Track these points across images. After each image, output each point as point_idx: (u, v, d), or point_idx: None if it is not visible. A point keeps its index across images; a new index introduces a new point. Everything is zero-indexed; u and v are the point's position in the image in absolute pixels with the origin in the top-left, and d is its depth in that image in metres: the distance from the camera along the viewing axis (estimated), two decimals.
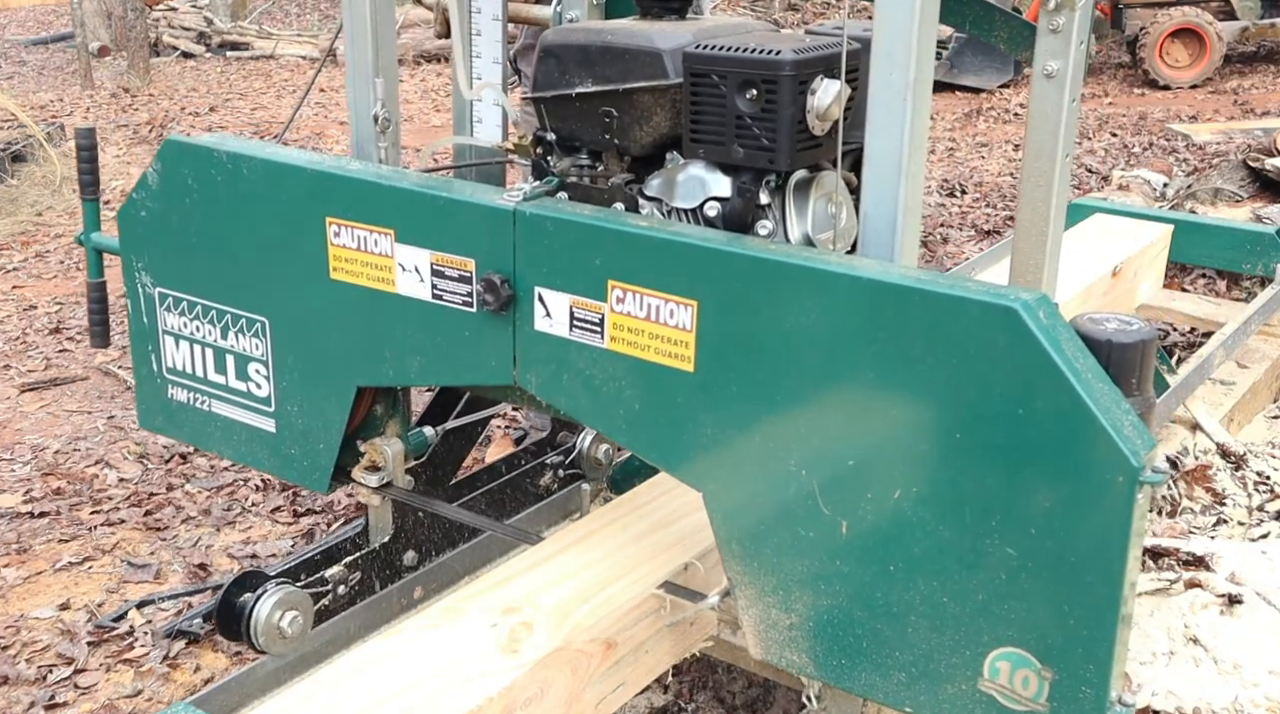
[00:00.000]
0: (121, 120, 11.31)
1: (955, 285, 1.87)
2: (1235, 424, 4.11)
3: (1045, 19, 2.35)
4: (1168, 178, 7.56)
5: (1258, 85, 12.18)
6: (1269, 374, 4.39)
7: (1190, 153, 9.32)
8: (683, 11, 2.36)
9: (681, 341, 2.07)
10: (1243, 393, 4.16)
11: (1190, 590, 2.94)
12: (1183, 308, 4.66)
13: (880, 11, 1.96)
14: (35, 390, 5.20)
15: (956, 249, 7.00)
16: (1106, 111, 11.14)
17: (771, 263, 1.97)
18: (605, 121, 2.28)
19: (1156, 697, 2.69)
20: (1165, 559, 3.13)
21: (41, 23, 20.16)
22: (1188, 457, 3.76)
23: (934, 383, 1.87)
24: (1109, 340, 1.89)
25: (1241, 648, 2.77)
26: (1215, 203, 6.74)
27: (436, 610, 2.27)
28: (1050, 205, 2.45)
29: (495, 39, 2.41)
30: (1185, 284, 5.23)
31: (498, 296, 2.18)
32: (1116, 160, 9.10)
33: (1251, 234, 4.76)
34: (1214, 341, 4.00)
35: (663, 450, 2.15)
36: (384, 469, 2.57)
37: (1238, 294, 5.02)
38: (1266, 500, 3.61)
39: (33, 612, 3.46)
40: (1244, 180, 6.92)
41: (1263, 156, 6.96)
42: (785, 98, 2.07)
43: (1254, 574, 2.96)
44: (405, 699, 2.03)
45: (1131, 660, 2.79)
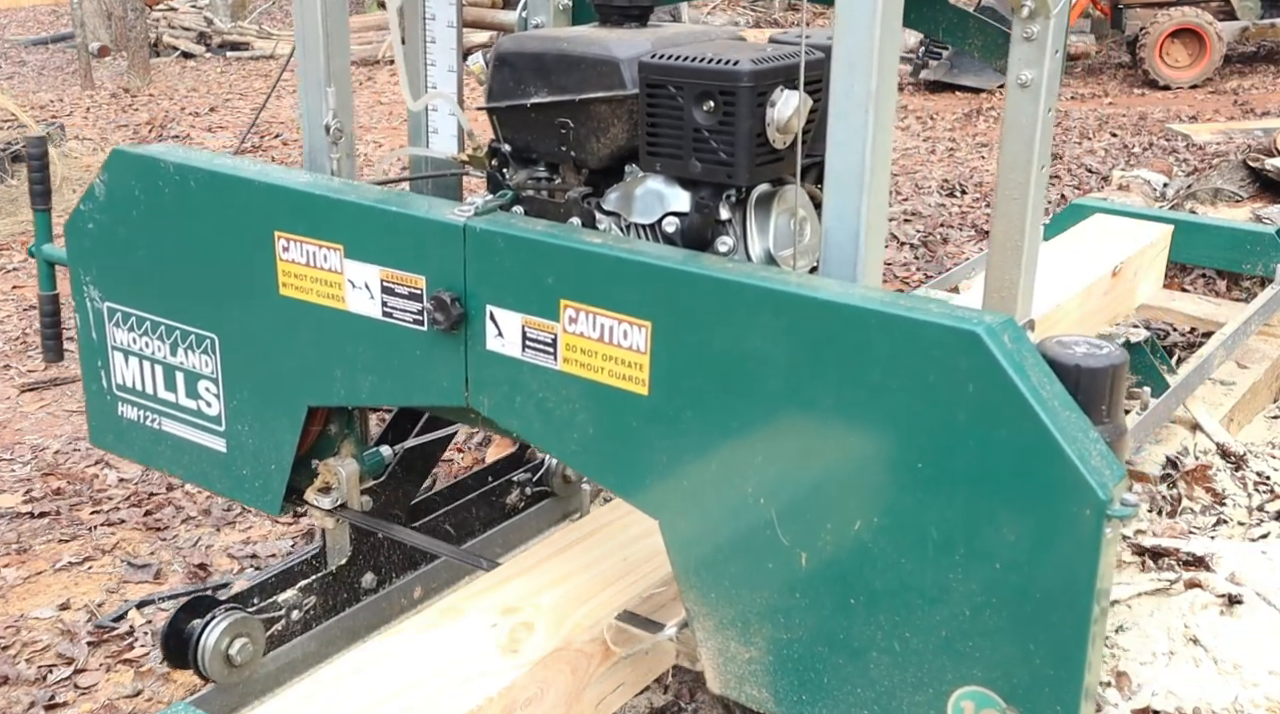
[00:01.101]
0: (121, 120, 11.26)
1: (916, 307, 1.78)
2: (1235, 424, 4.07)
3: (1019, 27, 2.27)
4: (1168, 178, 7.51)
5: (1258, 85, 12.11)
6: (1269, 374, 4.35)
7: (1190, 153, 9.26)
8: (644, 19, 2.28)
9: (635, 364, 1.99)
10: (1243, 393, 4.13)
11: (1190, 590, 2.92)
12: (1183, 308, 4.62)
13: (840, 19, 1.88)
14: (35, 390, 5.15)
15: (956, 249, 6.94)
16: (1106, 111, 11.07)
17: (726, 283, 1.89)
18: (561, 133, 2.20)
19: (1156, 697, 2.66)
20: (1165, 559, 3.12)
21: (41, 23, 20.14)
22: (1188, 457, 3.73)
23: (894, 409, 1.79)
24: (1077, 365, 1.81)
25: (1241, 648, 2.75)
26: (1215, 203, 6.70)
27: (436, 610, 2.26)
28: (1025, 219, 2.36)
29: (450, 46, 2.33)
30: (1185, 284, 5.17)
31: (448, 315, 2.10)
32: (1116, 160, 9.04)
33: (1251, 234, 4.72)
34: (1214, 342, 3.97)
35: (617, 476, 2.07)
36: (338, 491, 2.49)
37: (1238, 294, 4.97)
38: (1266, 500, 3.58)
39: (33, 612, 3.43)
40: (1244, 180, 6.87)
41: (1262, 157, 6.91)
42: (743, 110, 1.99)
43: (1254, 574, 2.95)
44: (405, 699, 2.02)
45: (1131, 660, 2.78)
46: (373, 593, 2.70)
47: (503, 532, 2.97)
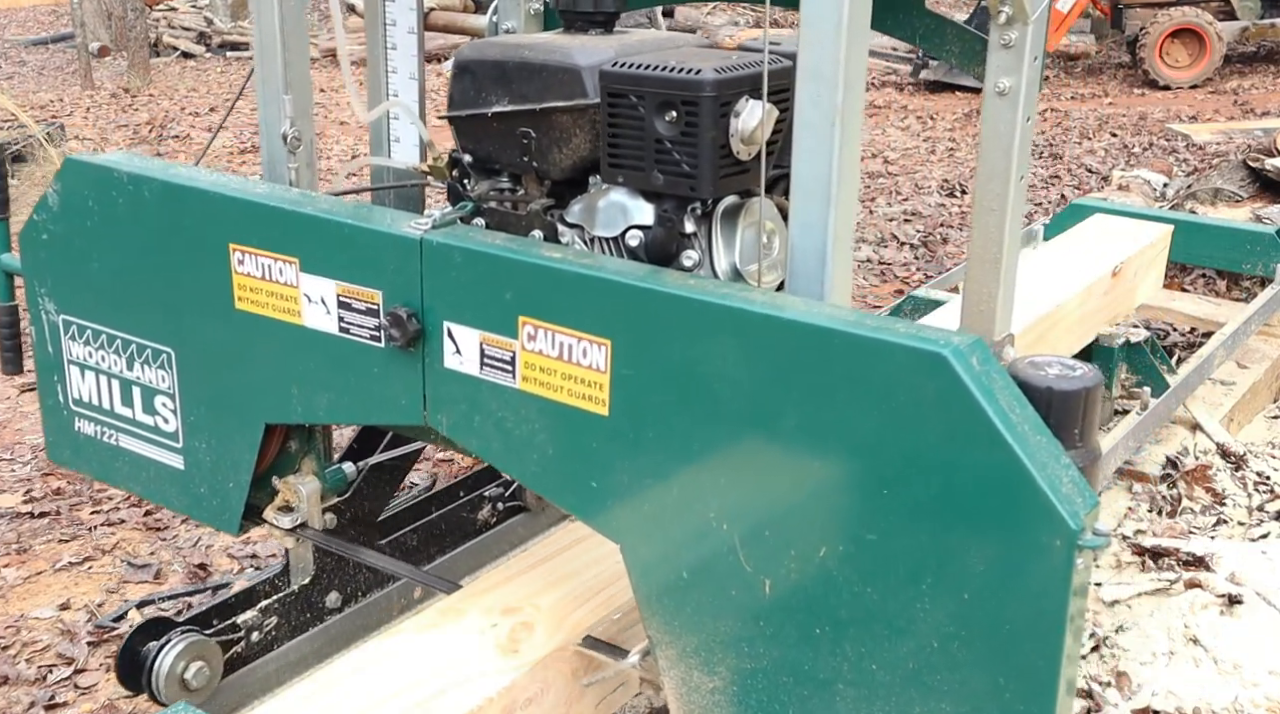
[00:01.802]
0: (121, 120, 11.22)
1: (881, 328, 1.72)
2: (1235, 424, 4.08)
3: (997, 33, 2.20)
4: (1168, 178, 7.49)
5: (1258, 85, 12.07)
6: (1269, 374, 4.35)
7: (1190, 153, 9.25)
8: (609, 25, 2.21)
9: (595, 383, 1.92)
10: (1243, 393, 4.13)
11: (1190, 590, 2.92)
12: (1183, 308, 4.60)
13: (805, 27, 1.81)
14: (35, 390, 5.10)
15: (956, 249, 6.92)
16: (1106, 111, 11.04)
17: (686, 301, 1.82)
18: (523, 143, 2.13)
19: (1156, 697, 2.66)
20: (1165, 559, 3.12)
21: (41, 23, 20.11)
22: (1188, 457, 3.72)
23: (859, 433, 1.72)
24: (1049, 387, 1.75)
25: (1241, 648, 2.75)
26: (1215, 203, 6.69)
27: (436, 610, 2.24)
28: (1004, 231, 2.29)
29: (411, 53, 2.26)
30: (1185, 284, 5.16)
31: (404, 332, 2.03)
32: (1116, 160, 9.04)
33: (1251, 234, 4.71)
34: (1214, 342, 3.95)
35: (577, 498, 2.00)
36: (298, 509, 2.42)
37: (1238, 294, 4.95)
38: (1266, 500, 3.57)
39: (33, 612, 3.44)
40: (1244, 180, 6.85)
41: (1262, 157, 6.90)
42: (706, 120, 1.92)
43: (1254, 574, 2.96)
44: (405, 699, 2.01)
45: (1131, 660, 2.78)
46: (337, 612, 2.63)
47: (473, 549, 2.90)
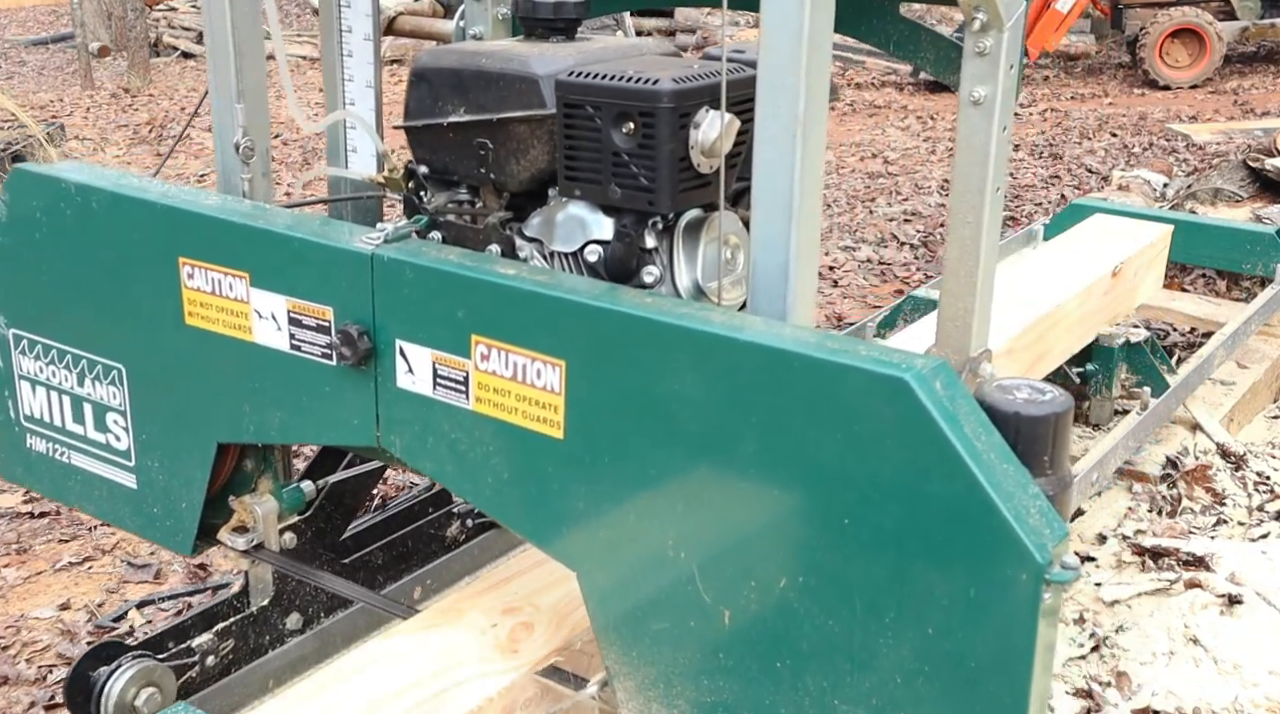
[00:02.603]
0: (121, 120, 11.16)
1: (842, 351, 1.64)
2: (1235, 424, 4.06)
3: (971, 40, 2.12)
4: (1168, 178, 7.46)
5: (1258, 85, 12.01)
6: (1269, 374, 4.33)
7: (1190, 153, 9.19)
8: (570, 32, 2.13)
9: (550, 405, 1.85)
10: (1243, 393, 4.11)
11: (1190, 590, 2.92)
12: (1183, 308, 4.58)
13: (765, 35, 1.73)
14: None
15: None
16: (1106, 111, 10.97)
17: (641, 321, 1.76)
18: (480, 154, 2.06)
19: (1156, 697, 2.65)
20: (1165, 559, 3.10)
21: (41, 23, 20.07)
22: (1188, 457, 3.70)
23: (819, 460, 1.65)
24: (1017, 413, 1.68)
25: (1241, 648, 2.74)
26: (1215, 203, 6.67)
27: (436, 610, 2.23)
28: (980, 244, 2.22)
29: (367, 60, 2.19)
30: (1185, 284, 5.13)
31: (355, 350, 1.96)
32: (1116, 160, 8.98)
33: (1251, 234, 4.68)
34: (1214, 342, 3.94)
35: (533, 524, 1.93)
36: (254, 530, 2.35)
37: (1238, 294, 4.93)
38: (1266, 500, 3.54)
39: (33, 612, 3.42)
40: (1244, 180, 6.83)
41: (1262, 157, 6.87)
42: (664, 132, 1.85)
43: (1254, 574, 2.95)
44: (405, 699, 2.00)
45: (1131, 660, 2.77)
46: (298, 634, 2.56)
47: (440, 567, 2.83)
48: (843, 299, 6.17)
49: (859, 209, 7.85)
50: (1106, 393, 3.79)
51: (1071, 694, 2.74)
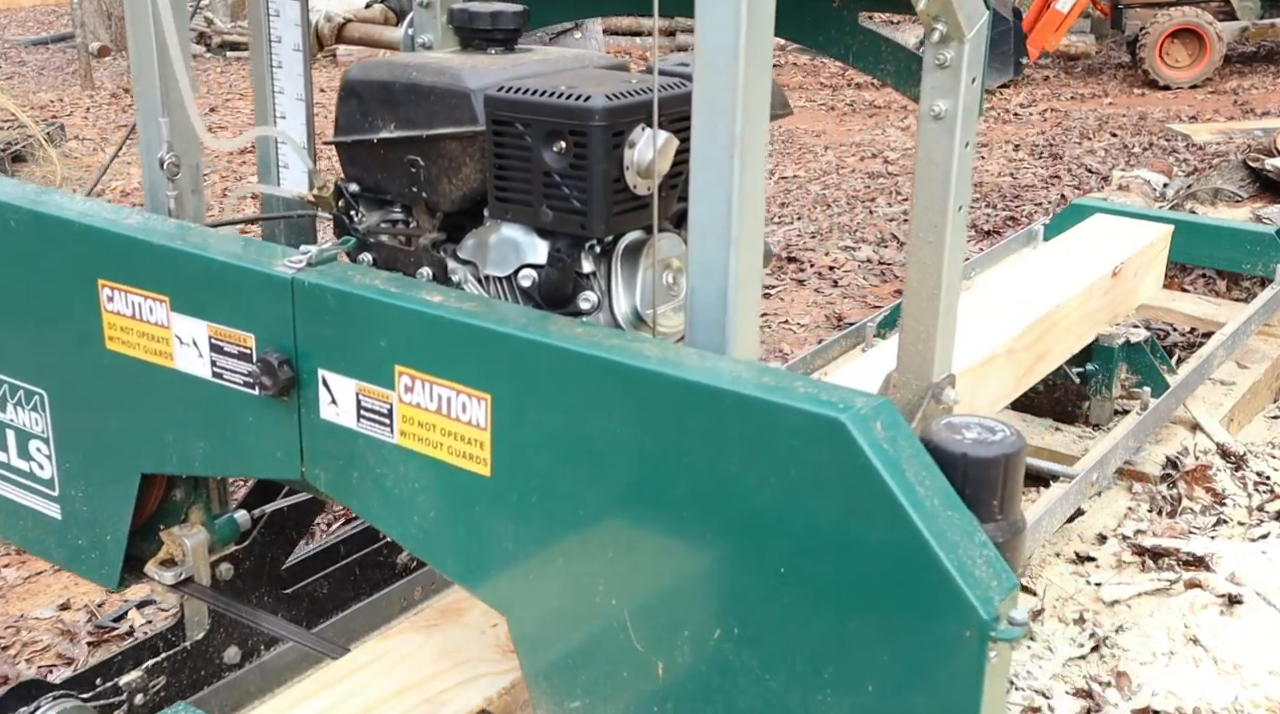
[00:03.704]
0: (121, 120, 11.10)
1: (778, 388, 1.54)
2: (1235, 424, 4.05)
3: (931, 52, 2.02)
4: (1168, 178, 7.42)
5: (1257, 85, 11.92)
6: (1269, 374, 4.33)
7: (1190, 153, 9.13)
8: (509, 43, 2.03)
9: (476, 441, 1.75)
10: (1243, 393, 4.12)
11: (1190, 591, 2.92)
12: (1183, 308, 4.57)
13: (699, 49, 1.63)
14: None
15: None
16: (1106, 112, 10.89)
17: (567, 353, 1.65)
18: (411, 172, 1.96)
19: (1156, 697, 2.64)
20: (1165, 559, 3.10)
21: (41, 23, 20.00)
22: (1188, 457, 3.69)
23: (753, 505, 1.55)
24: (964, 454, 1.56)
25: (1241, 648, 2.74)
26: (1215, 203, 6.64)
27: (436, 610, 2.22)
28: (942, 265, 2.11)
29: (298, 72, 2.08)
30: (1185, 284, 5.11)
31: (275, 379, 1.86)
32: (1116, 160, 8.93)
33: (1251, 234, 4.66)
34: (1214, 342, 3.94)
35: (461, 565, 1.83)
36: (183, 563, 2.24)
37: (1238, 294, 4.91)
38: (1266, 500, 3.53)
39: (33, 612, 3.40)
40: (1244, 180, 6.78)
41: (1262, 157, 6.83)
42: (596, 152, 1.74)
43: (1254, 574, 2.95)
44: (405, 699, 1.99)
45: (1131, 660, 2.76)
46: (237, 668, 2.46)
47: (392, 594, 2.72)
48: (843, 299, 6.08)
49: (859, 209, 7.76)
50: (1106, 393, 3.77)
51: (1071, 694, 2.73)
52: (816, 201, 7.99)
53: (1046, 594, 3.06)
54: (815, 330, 5.64)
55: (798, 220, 7.55)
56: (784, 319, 5.82)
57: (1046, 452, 3.63)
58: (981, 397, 3.15)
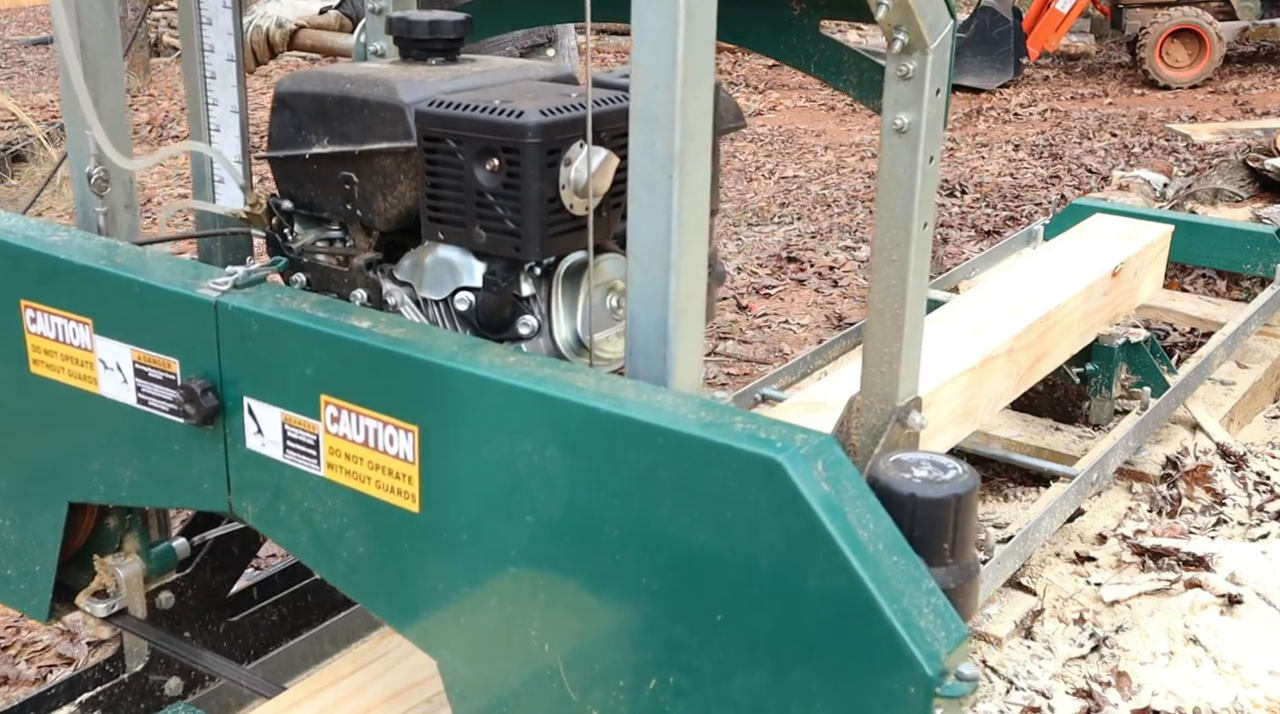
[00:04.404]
0: None
1: (715, 425, 1.44)
2: (1235, 424, 4.04)
3: (893, 63, 1.92)
4: (1168, 178, 7.39)
5: (1257, 85, 11.84)
6: (1269, 374, 4.32)
7: (1190, 153, 9.07)
8: (451, 53, 1.93)
9: (404, 475, 1.66)
10: (1243, 393, 4.11)
11: (1190, 591, 2.92)
12: (1183, 308, 4.57)
13: (635, 61, 1.53)
14: None
15: (956, 249, 6.80)
16: (1106, 111, 10.81)
17: (497, 385, 1.56)
18: (345, 189, 1.86)
19: (1156, 697, 2.64)
20: (1165, 559, 3.10)
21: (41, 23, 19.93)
22: (1188, 457, 3.69)
23: (689, 548, 1.46)
24: (913, 494, 1.47)
25: (1241, 648, 2.75)
26: (1215, 203, 6.59)
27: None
28: (906, 284, 2.01)
29: (231, 83, 1.99)
30: (1185, 284, 5.10)
31: (198, 407, 1.77)
32: (1116, 160, 8.88)
33: (1251, 234, 4.64)
34: (1214, 342, 3.95)
35: (389, 605, 1.74)
36: (116, 595, 2.15)
37: (1238, 294, 4.89)
38: (1266, 501, 3.52)
39: None
40: (1244, 180, 6.70)
41: (1263, 157, 6.76)
42: (530, 170, 1.65)
43: (1254, 574, 2.96)
44: (405, 699, 1.98)
45: (1131, 660, 2.76)
46: (180, 699, 2.37)
47: (349, 619, 2.63)
48: (843, 299, 6.01)
49: (859, 209, 7.69)
50: (1106, 393, 3.75)
51: (1071, 694, 2.71)
52: (816, 201, 7.91)
53: (1046, 594, 3.03)
54: (815, 330, 5.57)
55: (798, 220, 7.47)
56: (784, 319, 5.75)
57: (1046, 451, 3.61)
58: (981, 397, 3.13)
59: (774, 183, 8.47)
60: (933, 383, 2.85)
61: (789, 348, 5.30)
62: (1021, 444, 3.67)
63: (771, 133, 10.26)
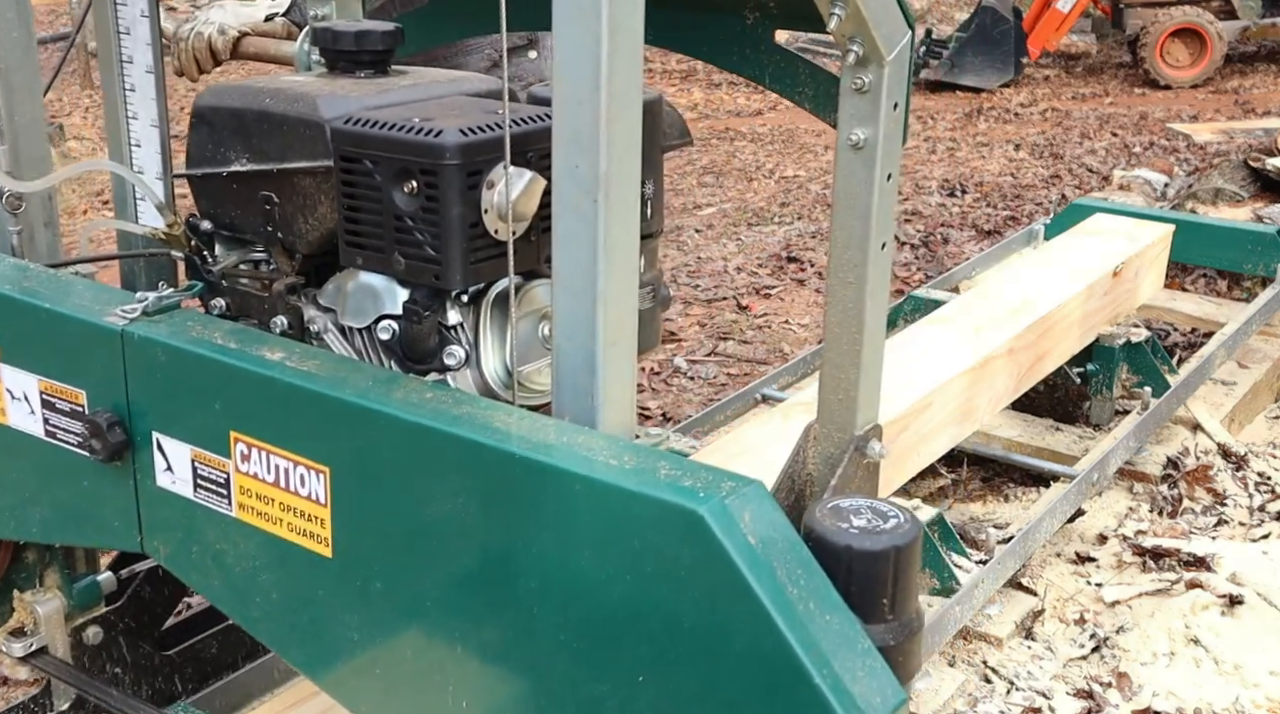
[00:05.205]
0: None
1: (635, 472, 1.34)
2: (1236, 424, 4.02)
3: (848, 76, 1.81)
4: (1168, 178, 7.33)
5: (1258, 85, 11.72)
6: (1270, 374, 4.29)
7: (1191, 152, 8.94)
8: (381, 65, 1.83)
9: (316, 517, 1.56)
10: (1243, 393, 4.09)
11: (1191, 591, 2.92)
12: (1184, 308, 4.54)
13: (556, 75, 1.43)
14: None
15: (957, 249, 6.71)
16: (1107, 111, 10.69)
17: (405, 424, 1.45)
18: (266, 209, 1.76)
19: (1157, 697, 2.64)
20: (1166, 560, 3.10)
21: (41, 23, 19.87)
22: (1189, 457, 3.67)
23: (608, 604, 1.36)
24: (849, 546, 1.36)
25: (1242, 649, 2.75)
26: (1216, 203, 6.55)
27: None
28: (864, 307, 1.91)
29: (151, 96, 1.89)
30: (1186, 284, 5.03)
31: (104, 442, 1.67)
32: (1117, 160, 8.75)
33: (1252, 234, 4.59)
34: (1215, 342, 3.92)
35: (304, 655, 1.64)
36: (35, 633, 2.05)
37: (1238, 294, 4.84)
38: (1267, 501, 3.50)
39: None
40: (1245, 180, 6.60)
41: (1263, 156, 6.70)
42: (449, 193, 1.54)
43: (1255, 575, 2.96)
44: None
45: (1132, 661, 2.76)
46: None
47: None
48: None
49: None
50: (1107, 393, 3.72)
51: (1072, 695, 2.70)
52: (816, 201, 7.82)
53: (1047, 595, 3.01)
54: (815, 330, 5.48)
55: (798, 220, 7.38)
56: (784, 319, 5.66)
57: (1047, 452, 3.58)
58: (982, 397, 3.10)
59: (774, 182, 8.38)
60: (933, 383, 2.84)
61: (789, 348, 5.21)
62: (1022, 444, 3.64)
63: (772, 132, 10.15)
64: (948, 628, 2.54)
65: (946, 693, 2.60)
